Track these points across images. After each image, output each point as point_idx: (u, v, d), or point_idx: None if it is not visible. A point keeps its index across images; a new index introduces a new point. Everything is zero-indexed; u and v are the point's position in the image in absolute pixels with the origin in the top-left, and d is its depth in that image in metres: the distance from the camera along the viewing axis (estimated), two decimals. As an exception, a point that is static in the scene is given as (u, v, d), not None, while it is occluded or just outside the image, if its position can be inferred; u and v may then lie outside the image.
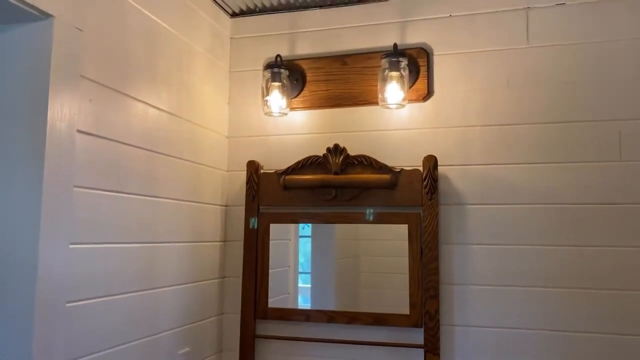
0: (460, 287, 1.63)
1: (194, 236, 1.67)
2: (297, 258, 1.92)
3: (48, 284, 1.06)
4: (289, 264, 1.95)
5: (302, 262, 1.91)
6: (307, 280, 1.89)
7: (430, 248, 1.63)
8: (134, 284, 1.35)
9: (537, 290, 1.57)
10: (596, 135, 1.58)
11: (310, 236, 1.90)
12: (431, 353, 1.58)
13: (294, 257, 1.94)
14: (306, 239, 1.91)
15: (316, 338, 1.71)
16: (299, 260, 1.91)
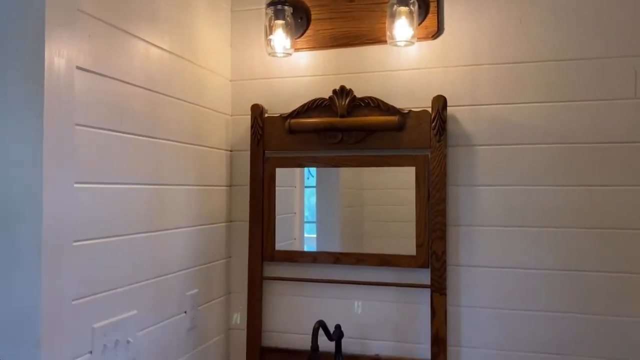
0: (468, 228, 1.62)
1: (200, 180, 1.65)
2: (303, 206, 1.92)
3: (54, 223, 1.06)
4: (294, 211, 1.95)
5: (307, 215, 1.90)
6: (313, 230, 1.88)
7: (438, 190, 1.61)
8: (140, 225, 1.35)
9: (547, 231, 1.56)
10: (610, 72, 1.53)
11: (315, 186, 1.89)
12: (437, 292, 1.60)
13: (299, 205, 1.93)
14: (311, 189, 1.90)
15: (323, 279, 1.73)
16: (304, 212, 1.91)
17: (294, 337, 1.76)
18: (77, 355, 1.13)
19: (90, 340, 1.16)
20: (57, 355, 1.06)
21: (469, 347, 1.61)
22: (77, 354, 1.13)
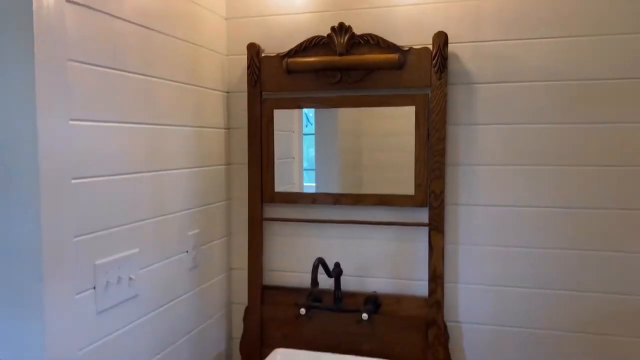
0: (467, 167, 1.62)
1: (197, 121, 1.64)
2: (302, 151, 1.90)
3: (51, 160, 1.05)
4: (293, 156, 1.94)
5: (306, 165, 1.89)
6: (312, 179, 1.87)
7: (437, 129, 1.60)
8: (139, 164, 1.35)
9: (547, 169, 1.56)
10: (618, 6, 1.48)
11: (314, 133, 1.87)
12: (435, 230, 1.61)
13: (298, 150, 1.92)
14: (310, 137, 1.87)
15: (323, 219, 1.74)
16: (303, 161, 1.89)
17: (294, 276, 1.80)
18: (80, 291, 1.15)
19: (92, 276, 1.18)
20: (60, 290, 1.08)
21: (465, 283, 1.65)
22: (81, 289, 1.15)
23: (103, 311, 1.21)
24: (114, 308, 1.25)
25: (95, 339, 1.19)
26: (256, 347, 1.79)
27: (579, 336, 1.57)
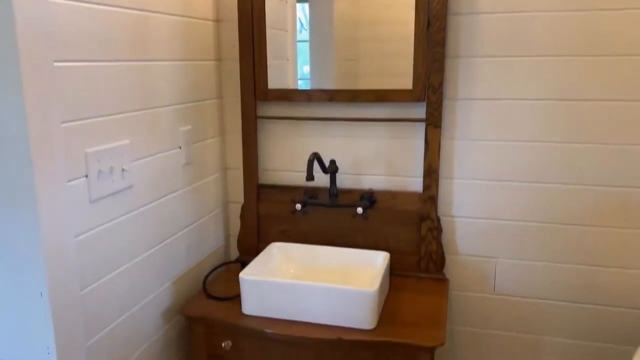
0: (467, 59, 1.56)
1: (185, 10, 1.55)
2: (295, 52, 1.82)
3: (30, 39, 0.99)
4: (287, 58, 1.86)
5: (300, 66, 1.81)
6: (306, 80, 1.80)
7: (438, 18, 1.52)
8: (125, 51, 1.28)
9: (548, 60, 1.51)
10: None
11: (309, 27, 1.77)
12: (432, 125, 1.59)
13: (292, 51, 1.84)
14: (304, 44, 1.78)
15: (318, 117, 1.71)
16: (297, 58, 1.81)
17: (289, 175, 1.79)
18: (72, 178, 1.13)
19: (84, 164, 1.16)
20: (51, 176, 1.06)
21: (460, 178, 1.65)
22: (72, 177, 1.13)
23: (97, 200, 1.21)
24: (108, 198, 1.25)
25: (91, 227, 1.20)
26: (253, 243, 1.82)
27: (573, 228, 1.60)
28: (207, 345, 1.51)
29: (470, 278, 1.70)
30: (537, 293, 1.66)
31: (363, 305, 1.37)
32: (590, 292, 1.62)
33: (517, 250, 1.65)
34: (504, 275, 1.67)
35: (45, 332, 1.08)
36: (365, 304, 1.36)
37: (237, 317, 1.46)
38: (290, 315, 1.43)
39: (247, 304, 1.46)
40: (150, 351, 1.46)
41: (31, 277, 1.06)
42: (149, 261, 1.43)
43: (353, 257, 1.64)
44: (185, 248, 1.63)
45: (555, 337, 1.68)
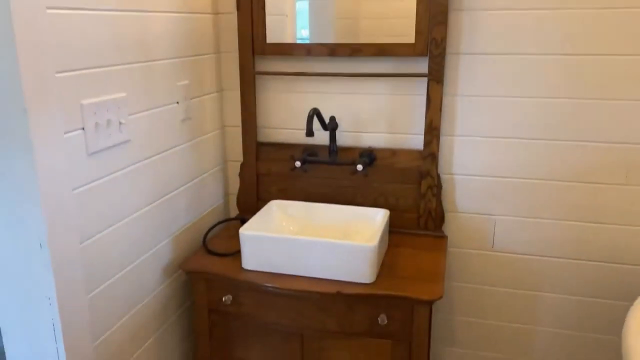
0: (471, 12, 1.52)
1: (180, -40, 1.50)
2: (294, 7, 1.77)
3: (21, -16, 0.96)
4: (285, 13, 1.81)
5: (299, 21, 1.76)
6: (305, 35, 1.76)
7: (442, -31, 1.48)
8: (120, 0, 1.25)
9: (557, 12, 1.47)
10: None
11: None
12: (435, 81, 1.56)
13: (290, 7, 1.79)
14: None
15: (318, 72, 1.68)
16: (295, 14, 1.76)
17: (288, 133, 1.77)
18: (69, 130, 1.12)
19: (80, 116, 1.14)
20: (48, 127, 1.04)
21: (461, 135, 1.63)
22: (69, 128, 1.12)
23: (94, 153, 1.19)
24: (106, 151, 1.23)
25: (89, 180, 1.19)
26: (252, 201, 1.82)
27: (573, 185, 1.59)
28: (208, 299, 1.53)
29: (469, 235, 1.71)
30: (535, 250, 1.67)
31: (363, 260, 1.37)
32: (589, 249, 1.63)
33: (517, 208, 1.65)
34: (503, 232, 1.68)
35: (46, 282, 1.08)
36: (364, 258, 1.37)
37: (237, 272, 1.47)
38: (290, 270, 1.44)
39: (247, 259, 1.47)
40: (151, 305, 1.48)
41: (30, 228, 1.05)
42: (148, 216, 1.43)
43: (352, 214, 1.64)
44: (185, 205, 1.62)
45: (552, 294, 1.70)
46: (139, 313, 1.42)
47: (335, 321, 1.42)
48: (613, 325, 1.67)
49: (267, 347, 1.52)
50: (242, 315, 1.51)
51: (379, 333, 1.41)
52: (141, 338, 1.44)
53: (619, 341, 1.67)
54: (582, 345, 1.71)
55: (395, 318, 1.39)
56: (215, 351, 1.58)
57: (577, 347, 1.72)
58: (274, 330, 1.50)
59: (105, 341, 1.28)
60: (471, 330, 1.80)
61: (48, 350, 1.14)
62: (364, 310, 1.40)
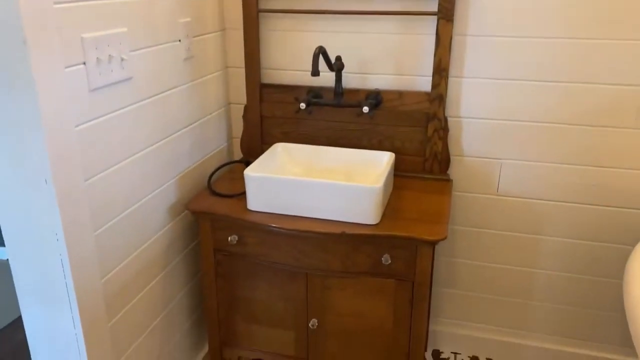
0: (485, -55, 1.46)
1: None
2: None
3: None
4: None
5: None
6: None
7: None
8: None
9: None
10: None
11: None
12: (444, 19, 1.51)
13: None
14: None
15: (324, 10, 1.62)
16: None
17: (293, 74, 1.74)
18: (70, 64, 1.09)
19: (81, 50, 1.11)
20: (48, 60, 1.02)
21: (470, 77, 1.60)
22: (70, 63, 1.09)
23: (96, 89, 1.17)
24: (108, 88, 1.21)
25: (92, 117, 1.17)
26: (256, 144, 1.80)
27: (581, 129, 1.57)
28: (214, 239, 1.54)
29: (475, 179, 1.70)
30: (540, 194, 1.67)
31: (367, 201, 1.37)
32: (594, 193, 1.63)
33: (523, 151, 1.63)
34: (509, 176, 1.67)
35: (53, 218, 1.08)
36: (369, 199, 1.37)
37: (243, 213, 1.47)
38: (294, 212, 1.44)
39: (252, 201, 1.47)
40: (157, 244, 1.49)
41: (35, 164, 1.05)
42: (152, 156, 1.42)
43: (358, 157, 1.63)
44: (189, 146, 1.61)
45: (555, 237, 1.71)
46: (146, 251, 1.43)
47: (339, 261, 1.44)
48: (615, 269, 1.69)
49: (272, 286, 1.55)
50: (247, 255, 1.52)
51: (382, 273, 1.43)
52: (149, 276, 1.46)
53: (620, 284, 1.69)
54: (583, 288, 1.74)
55: (399, 258, 1.40)
56: (221, 290, 1.61)
57: (578, 290, 1.75)
58: (278, 270, 1.52)
59: (113, 278, 1.30)
60: (472, 273, 1.83)
61: (57, 284, 1.15)
62: (368, 250, 1.41)
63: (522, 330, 1.86)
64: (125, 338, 1.38)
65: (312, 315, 1.54)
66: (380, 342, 1.52)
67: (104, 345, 1.28)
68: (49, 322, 1.21)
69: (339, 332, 1.55)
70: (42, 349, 1.26)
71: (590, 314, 1.77)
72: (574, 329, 1.80)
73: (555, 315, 1.80)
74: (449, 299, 1.89)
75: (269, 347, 1.64)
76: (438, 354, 1.94)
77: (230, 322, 1.64)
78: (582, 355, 1.82)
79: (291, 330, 1.59)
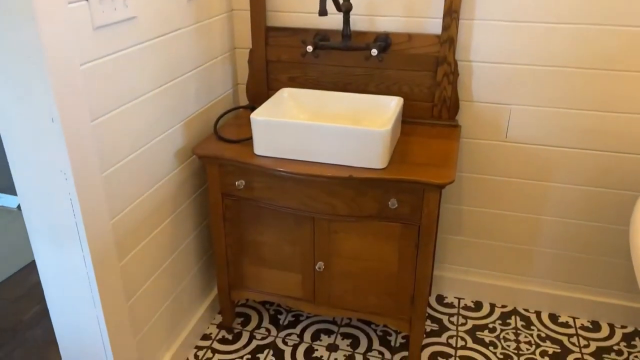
0: None
1: None
2: None
3: None
4: None
5: None
6: None
7: None
8: None
9: None
10: None
11: None
12: (457, -44, 1.46)
13: None
14: None
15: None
16: None
17: (299, 17, 1.69)
18: (72, 0, 1.06)
19: (82, -14, 1.08)
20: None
21: (481, 19, 1.55)
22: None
23: (100, 27, 1.15)
24: (112, 27, 1.19)
25: (96, 56, 1.15)
26: (262, 90, 1.78)
27: (594, 73, 1.53)
28: (221, 184, 1.55)
29: (483, 125, 1.68)
30: (549, 140, 1.65)
31: (375, 145, 1.36)
32: (604, 139, 1.61)
33: (534, 97, 1.61)
34: (518, 122, 1.65)
35: (60, 156, 1.09)
36: (377, 143, 1.36)
37: (250, 158, 1.47)
38: (302, 156, 1.44)
39: (259, 145, 1.47)
40: (166, 188, 1.50)
41: (41, 102, 1.04)
42: (157, 99, 1.41)
43: (365, 102, 1.61)
44: (194, 91, 1.59)
45: (562, 184, 1.70)
46: (154, 195, 1.44)
47: (346, 205, 1.45)
48: (621, 216, 1.69)
49: (279, 229, 1.57)
50: (254, 200, 1.53)
51: (388, 217, 1.44)
52: (158, 219, 1.48)
53: (626, 231, 1.70)
54: (588, 235, 1.75)
55: (405, 202, 1.41)
56: (229, 234, 1.63)
57: (583, 236, 1.76)
58: (286, 214, 1.53)
59: (123, 219, 1.32)
60: (478, 220, 1.84)
61: (68, 224, 1.17)
62: (374, 194, 1.42)
63: (525, 276, 1.88)
64: (136, 279, 1.41)
65: (318, 259, 1.56)
66: (386, 285, 1.55)
67: (116, 284, 1.31)
68: (61, 262, 1.23)
69: (345, 275, 1.57)
70: (55, 289, 1.29)
71: (594, 260, 1.78)
72: (578, 275, 1.82)
73: (559, 261, 1.82)
74: (454, 246, 1.91)
75: (276, 290, 1.67)
76: (442, 299, 1.97)
77: (238, 265, 1.67)
78: (585, 300, 1.85)
79: (298, 273, 1.61)
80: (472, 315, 1.89)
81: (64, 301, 1.30)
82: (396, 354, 1.72)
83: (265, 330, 1.83)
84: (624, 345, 1.76)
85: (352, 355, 1.72)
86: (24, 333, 1.84)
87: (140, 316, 1.45)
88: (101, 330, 1.31)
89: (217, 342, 1.78)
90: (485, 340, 1.78)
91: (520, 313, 1.90)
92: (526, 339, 1.79)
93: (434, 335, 1.80)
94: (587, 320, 1.86)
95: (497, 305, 1.94)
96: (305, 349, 1.75)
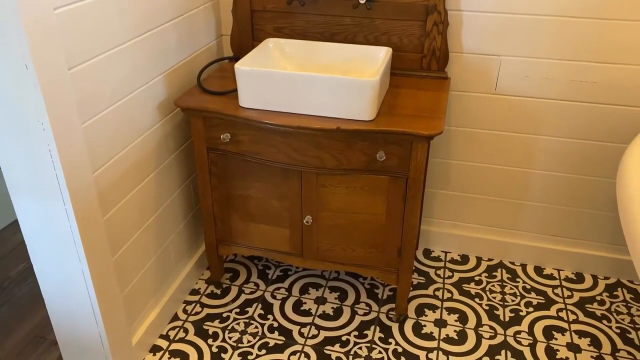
0: None
1: None
2: None
3: None
4: None
5: None
6: None
7: None
8: None
9: None
10: None
11: None
12: None
13: None
14: None
15: None
16: None
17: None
18: (41, -62, 1.00)
19: None
20: None
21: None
22: (41, -64, 1.00)
23: (73, -32, 1.09)
24: (86, -32, 1.13)
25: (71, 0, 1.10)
26: (247, 41, 1.73)
27: (585, 22, 1.50)
28: (206, 137, 1.52)
29: (472, 77, 1.66)
30: (538, 92, 1.63)
31: (363, 96, 1.34)
32: (595, 91, 1.59)
33: (525, 47, 1.57)
34: (508, 73, 1.62)
35: (37, 106, 1.05)
36: (365, 94, 1.33)
37: (235, 110, 1.44)
38: (288, 108, 1.41)
39: (244, 97, 1.43)
40: (148, 141, 1.46)
41: (14, 48, 0.99)
42: (137, 48, 1.35)
43: (353, 52, 1.57)
44: (176, 40, 1.54)
45: (551, 137, 1.69)
46: (137, 148, 1.41)
47: (333, 158, 1.43)
48: (608, 168, 1.69)
49: (267, 184, 1.55)
50: (241, 154, 1.51)
51: (376, 169, 1.43)
52: (142, 173, 1.45)
53: (613, 183, 1.71)
54: (577, 187, 1.76)
55: (393, 154, 1.39)
56: (216, 189, 1.61)
57: (571, 189, 1.76)
58: (273, 168, 1.51)
59: (105, 172, 1.29)
60: (466, 173, 1.83)
61: (48, 176, 1.14)
62: (362, 146, 1.40)
63: (513, 229, 1.90)
64: (121, 233, 1.39)
65: (306, 212, 1.56)
66: (373, 237, 1.55)
67: (100, 239, 1.29)
68: (43, 216, 1.21)
69: (333, 228, 1.57)
70: (39, 243, 1.27)
71: (580, 212, 1.80)
72: (564, 227, 1.84)
73: (547, 214, 1.83)
74: (442, 200, 1.91)
75: (264, 244, 1.67)
76: (429, 253, 1.99)
77: (225, 220, 1.66)
78: (570, 253, 1.87)
79: (286, 227, 1.61)
80: (458, 269, 1.92)
81: (48, 256, 1.28)
82: (383, 306, 1.75)
83: (254, 284, 1.84)
84: (606, 295, 1.80)
85: (340, 307, 1.74)
86: (11, 290, 1.83)
87: (127, 271, 1.45)
88: (87, 284, 1.30)
89: (205, 296, 1.79)
90: (471, 292, 1.81)
91: (506, 266, 1.93)
92: (511, 291, 1.82)
93: (421, 288, 1.83)
94: (572, 272, 1.90)
95: (484, 259, 1.96)
96: (294, 302, 1.76)
